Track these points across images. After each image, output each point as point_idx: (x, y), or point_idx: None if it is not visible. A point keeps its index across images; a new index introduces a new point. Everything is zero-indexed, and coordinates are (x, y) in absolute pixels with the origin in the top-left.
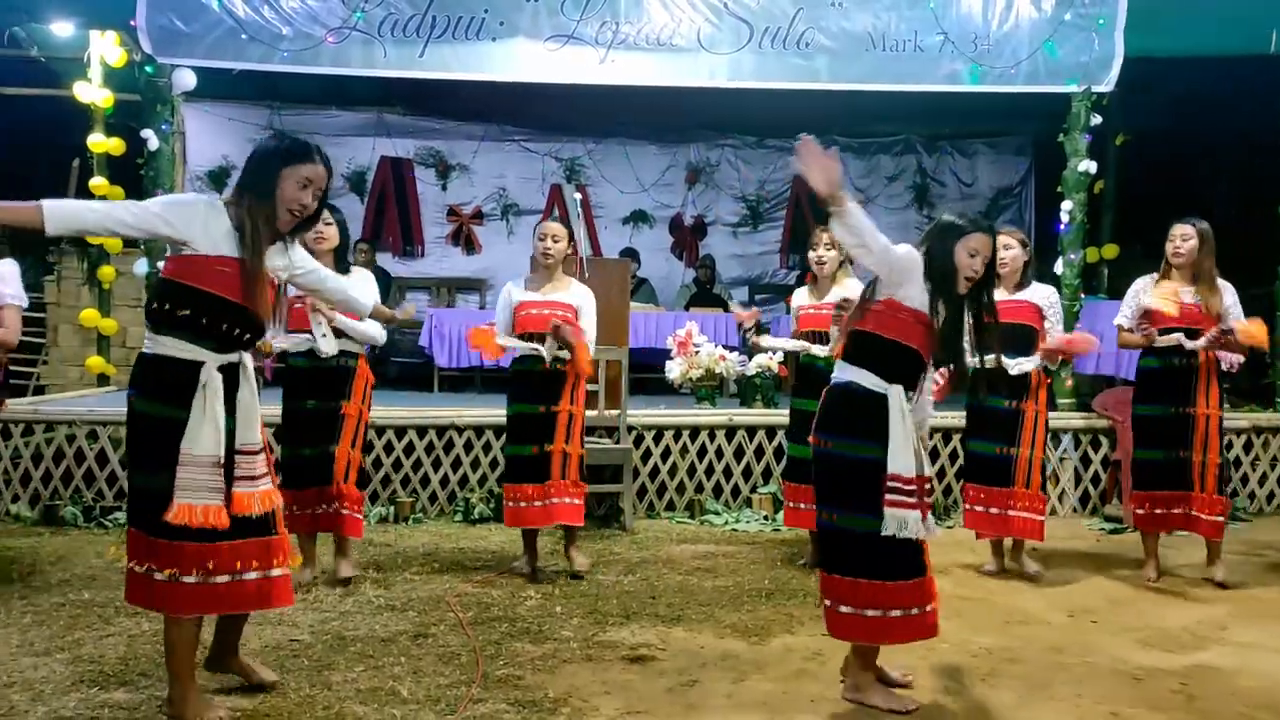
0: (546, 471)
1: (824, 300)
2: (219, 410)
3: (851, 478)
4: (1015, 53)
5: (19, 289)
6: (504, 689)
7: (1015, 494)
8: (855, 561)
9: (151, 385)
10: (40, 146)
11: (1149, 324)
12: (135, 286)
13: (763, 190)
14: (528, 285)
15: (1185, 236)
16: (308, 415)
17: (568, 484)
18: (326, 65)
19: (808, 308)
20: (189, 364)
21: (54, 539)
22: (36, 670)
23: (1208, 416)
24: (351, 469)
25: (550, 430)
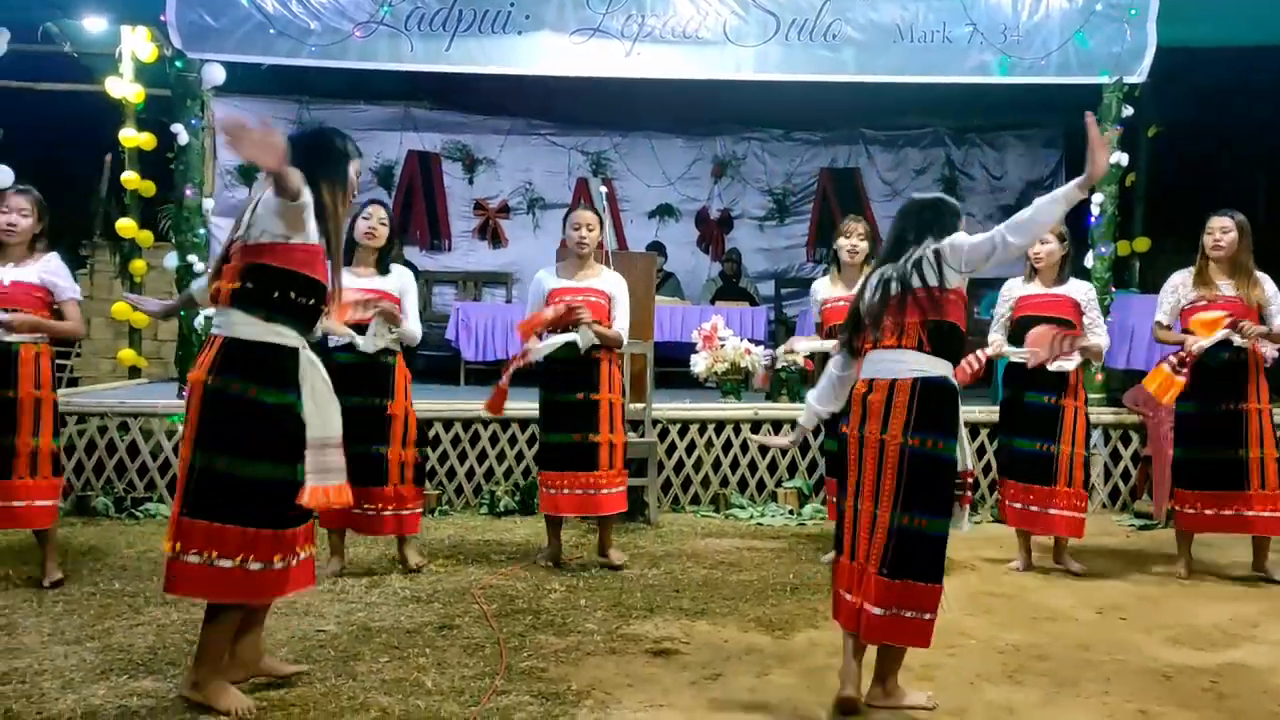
0: (593, 461)
1: (853, 291)
2: (328, 390)
3: (947, 479)
4: (1045, 43)
5: (74, 282)
6: (527, 681)
7: (1057, 492)
8: (930, 567)
9: (258, 371)
10: (73, 142)
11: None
12: (166, 280)
13: (789, 183)
14: (559, 273)
15: (1225, 229)
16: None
17: (614, 474)
18: (354, 59)
19: (835, 300)
20: (289, 350)
21: (86, 529)
22: (67, 659)
23: (1260, 411)
24: (406, 469)
25: (593, 419)
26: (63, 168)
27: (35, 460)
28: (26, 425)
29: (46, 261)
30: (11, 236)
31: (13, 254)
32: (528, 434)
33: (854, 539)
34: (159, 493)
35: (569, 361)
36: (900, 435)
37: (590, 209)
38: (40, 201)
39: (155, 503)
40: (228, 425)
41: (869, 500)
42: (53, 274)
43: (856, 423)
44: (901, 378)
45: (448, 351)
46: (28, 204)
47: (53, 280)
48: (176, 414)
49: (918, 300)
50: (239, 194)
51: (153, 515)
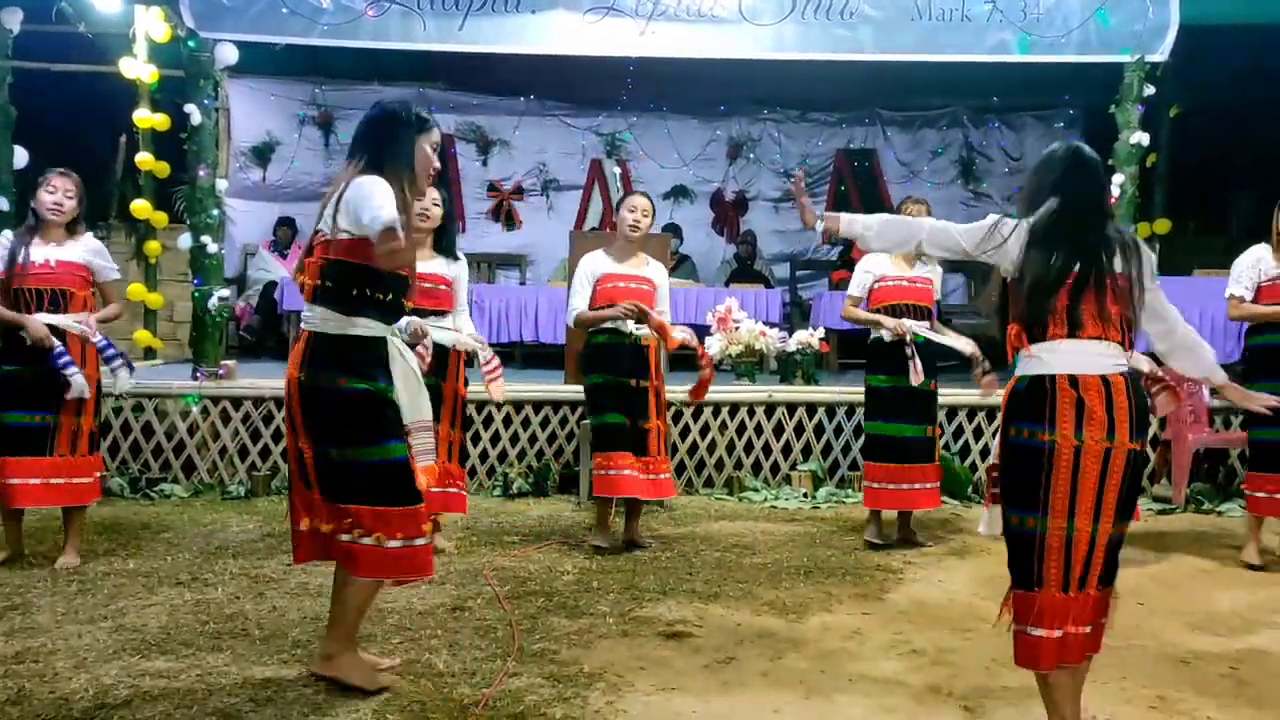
0: (645, 447)
1: (912, 274)
2: (418, 373)
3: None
4: (1066, 21)
5: (112, 261)
6: (539, 663)
7: None
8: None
9: (345, 362)
10: (88, 122)
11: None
12: (181, 261)
13: (805, 165)
14: (611, 255)
15: None
16: None
17: (664, 460)
18: (366, 39)
19: (900, 279)
20: (375, 339)
21: (101, 509)
22: (80, 638)
23: None
24: (454, 448)
25: (644, 406)
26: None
27: (76, 439)
28: (71, 405)
29: (88, 241)
30: (59, 215)
31: (52, 234)
32: (541, 416)
33: (1067, 565)
34: (174, 473)
35: (621, 348)
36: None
37: (646, 195)
38: (81, 184)
39: (170, 483)
40: (328, 417)
41: (1087, 517)
42: (96, 254)
43: (1071, 428)
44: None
45: None
46: (73, 186)
47: (97, 261)
48: (191, 395)
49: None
50: (253, 175)
51: (167, 496)
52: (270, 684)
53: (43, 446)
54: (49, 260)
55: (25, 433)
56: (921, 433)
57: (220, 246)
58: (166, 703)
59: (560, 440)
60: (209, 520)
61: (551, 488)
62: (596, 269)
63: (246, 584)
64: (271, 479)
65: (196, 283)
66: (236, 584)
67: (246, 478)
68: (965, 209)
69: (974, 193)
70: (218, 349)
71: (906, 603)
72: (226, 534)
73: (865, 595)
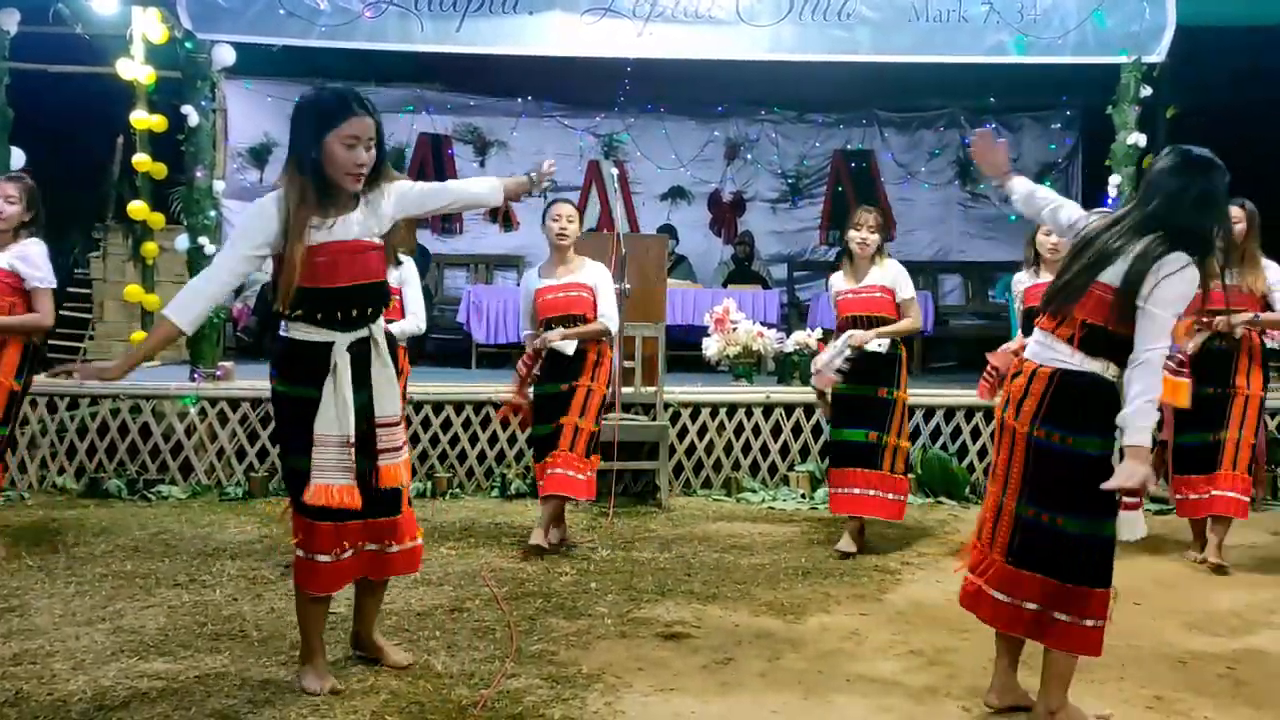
0: (556, 443)
1: (860, 284)
2: (347, 390)
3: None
4: (1063, 22)
5: (49, 271)
6: (538, 664)
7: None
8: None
9: (287, 368)
10: (85, 124)
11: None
12: (178, 262)
13: (802, 166)
14: (542, 272)
15: (1235, 219)
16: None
17: (574, 457)
18: (363, 40)
19: (847, 292)
20: (321, 345)
21: (98, 511)
22: (78, 640)
23: (1247, 396)
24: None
25: (566, 406)
26: (75, 150)
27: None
28: None
29: (24, 246)
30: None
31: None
32: None
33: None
34: (171, 475)
35: (559, 356)
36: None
37: (568, 200)
38: (31, 190)
39: (168, 485)
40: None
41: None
42: (24, 259)
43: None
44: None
45: (459, 335)
46: (15, 191)
47: (22, 266)
48: (188, 396)
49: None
50: (249, 176)
51: (165, 497)
52: (269, 685)
53: None
54: None
55: None
56: (863, 437)
57: (217, 248)
58: (165, 704)
59: None
60: (207, 522)
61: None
62: (531, 288)
63: (244, 585)
64: (269, 480)
65: None
66: (234, 585)
67: (244, 479)
68: (963, 209)
69: (971, 193)
70: (215, 350)
71: (904, 603)
72: (224, 535)
73: (863, 596)
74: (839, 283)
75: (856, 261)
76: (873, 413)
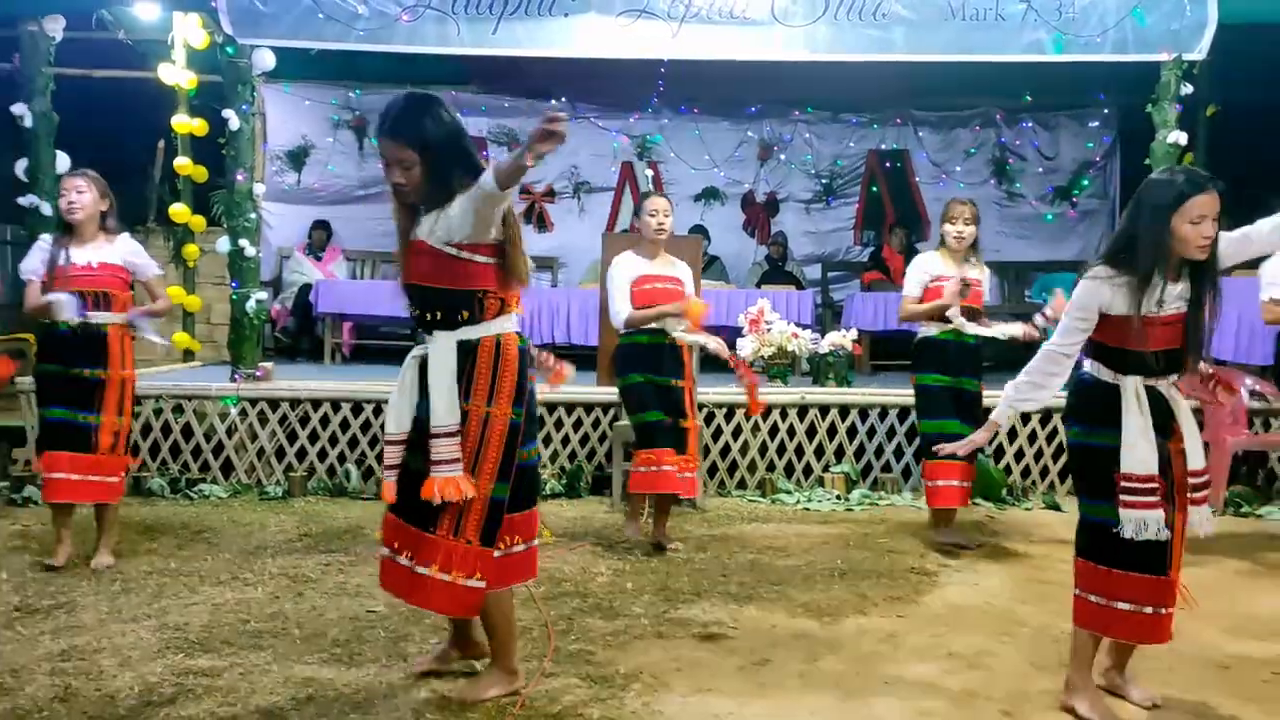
0: (685, 445)
1: (964, 274)
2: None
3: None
4: (1102, 20)
5: (150, 259)
6: (575, 664)
7: None
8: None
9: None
10: (128, 128)
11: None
12: (218, 264)
13: (836, 166)
14: (641, 257)
15: None
16: None
17: (696, 459)
18: (401, 43)
19: (948, 279)
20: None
21: (142, 509)
22: (124, 636)
23: None
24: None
25: (683, 404)
26: (118, 154)
27: (116, 438)
28: (113, 404)
29: (126, 242)
30: (76, 214)
31: (86, 234)
32: (573, 418)
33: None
34: (213, 474)
35: (663, 348)
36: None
37: (664, 195)
38: (98, 180)
39: (209, 484)
40: None
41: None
42: (134, 254)
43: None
44: None
45: None
46: (84, 181)
47: (136, 260)
48: (230, 396)
49: None
50: (288, 179)
51: (207, 496)
52: (311, 682)
53: (85, 444)
54: (90, 263)
55: (67, 429)
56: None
57: (258, 250)
58: (210, 700)
59: (593, 442)
60: (248, 520)
61: (584, 489)
62: (633, 270)
63: (285, 583)
64: (307, 480)
65: (234, 286)
66: (276, 583)
67: (283, 478)
68: (999, 209)
69: (1008, 192)
70: (255, 351)
71: (942, 606)
72: (265, 534)
73: (900, 598)
74: (937, 266)
75: (952, 253)
76: (966, 405)
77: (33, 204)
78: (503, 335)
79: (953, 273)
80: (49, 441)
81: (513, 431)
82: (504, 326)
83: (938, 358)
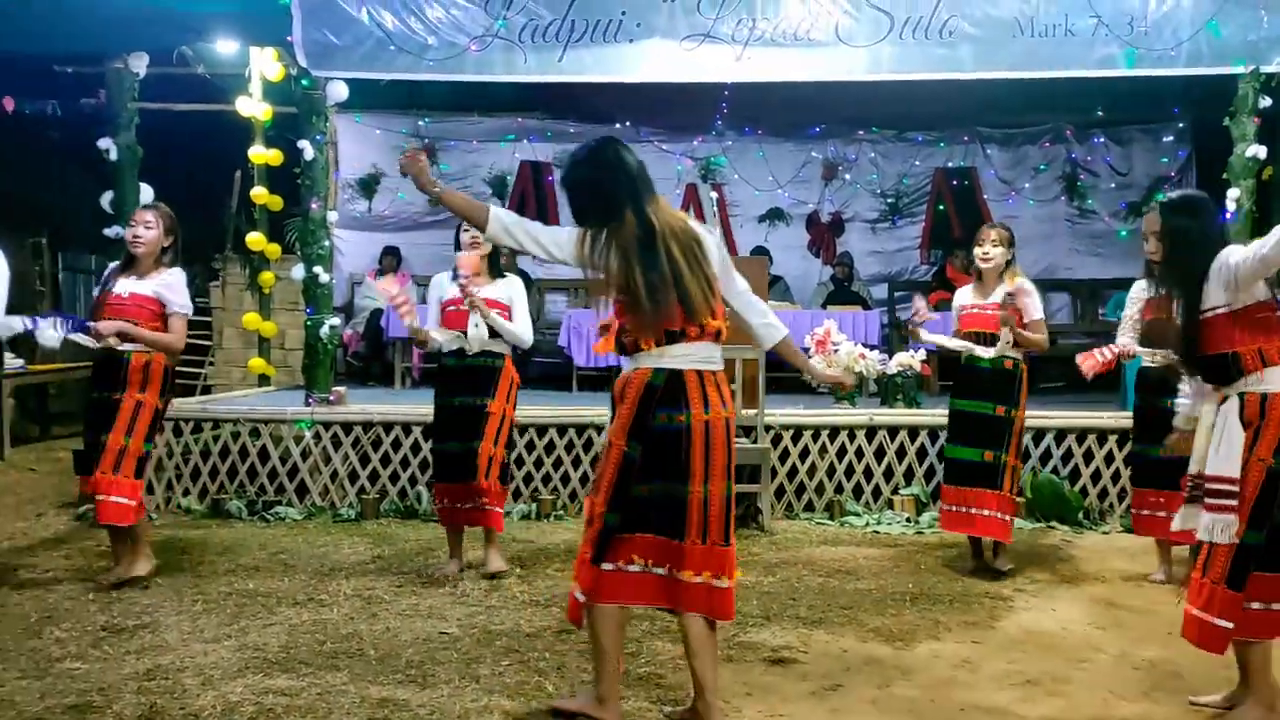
0: None
1: (988, 300)
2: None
3: None
4: (1176, 34)
5: (186, 299)
6: (645, 687)
7: None
8: None
9: None
10: (207, 159)
11: None
12: (291, 290)
13: (902, 185)
14: None
15: None
16: (455, 411)
17: None
18: (470, 73)
19: (970, 307)
20: None
21: (220, 531)
22: (206, 656)
23: None
24: (494, 465)
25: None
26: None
27: (120, 458)
28: (121, 425)
29: (166, 275)
30: (138, 248)
31: (140, 267)
32: None
33: None
34: (288, 496)
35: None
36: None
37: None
38: (169, 216)
39: (285, 506)
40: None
41: None
42: (167, 287)
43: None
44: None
45: (560, 358)
46: (153, 217)
47: (165, 294)
48: (304, 420)
49: None
50: (359, 206)
51: (282, 518)
52: (387, 703)
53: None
54: (123, 293)
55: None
56: (979, 456)
57: (331, 276)
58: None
59: None
60: (322, 542)
61: None
62: None
63: (360, 605)
64: (380, 503)
65: (309, 312)
66: (350, 604)
67: (356, 501)
68: (1070, 226)
69: (1079, 209)
70: (328, 375)
71: (1018, 631)
72: (339, 555)
73: (974, 623)
74: (964, 297)
75: (985, 278)
76: (991, 431)
77: (117, 235)
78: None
79: (976, 301)
80: (86, 465)
81: (624, 462)
82: (637, 363)
83: (965, 381)
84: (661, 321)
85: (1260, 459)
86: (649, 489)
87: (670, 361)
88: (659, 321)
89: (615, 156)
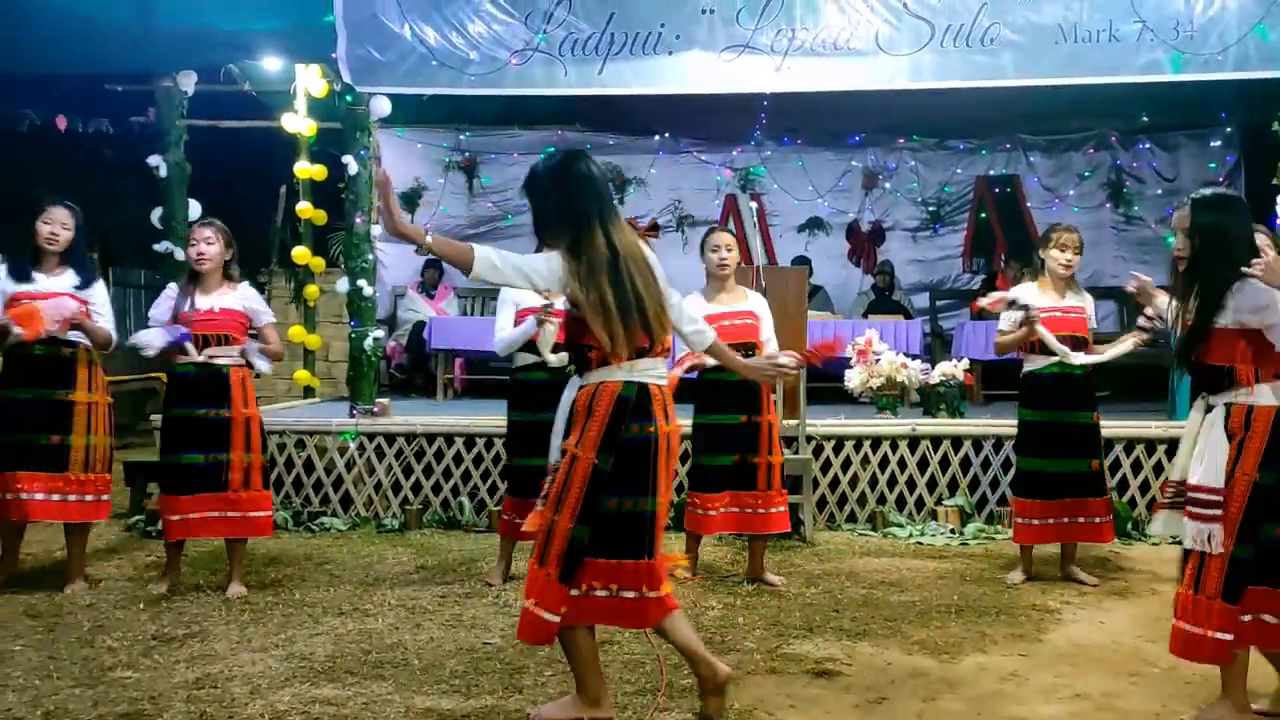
0: (755, 481)
1: (1065, 304)
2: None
3: None
4: (1222, 38)
5: (267, 306)
6: (689, 699)
7: None
8: None
9: None
10: (252, 175)
11: None
12: (335, 303)
13: (943, 193)
14: (706, 297)
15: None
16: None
17: (774, 494)
18: (511, 86)
19: (1053, 310)
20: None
21: (266, 541)
22: (254, 665)
23: None
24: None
25: (755, 440)
26: (243, 200)
27: (249, 474)
28: (239, 441)
29: (245, 290)
30: (204, 264)
31: (210, 282)
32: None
33: None
34: (333, 507)
35: (727, 384)
36: None
37: (727, 230)
38: (225, 230)
39: (330, 516)
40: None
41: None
42: (253, 300)
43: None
44: None
45: None
46: (212, 233)
47: (254, 307)
48: (348, 431)
49: None
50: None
51: (327, 528)
52: (431, 713)
53: (215, 483)
54: (213, 308)
55: (197, 471)
56: (1084, 466)
57: (375, 290)
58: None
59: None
60: (366, 552)
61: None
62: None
63: (404, 615)
64: (423, 513)
65: (353, 324)
66: (395, 615)
67: (400, 511)
68: (1116, 233)
69: (1125, 216)
70: (372, 387)
71: (1066, 644)
72: (383, 566)
73: (1021, 636)
74: (1036, 298)
75: (1055, 282)
76: (1092, 440)
77: (167, 250)
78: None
79: (1050, 304)
80: (174, 485)
81: (594, 476)
82: (605, 376)
83: (1038, 392)
84: (634, 340)
85: (1245, 473)
86: (616, 503)
87: (638, 375)
88: (631, 339)
89: (588, 171)
